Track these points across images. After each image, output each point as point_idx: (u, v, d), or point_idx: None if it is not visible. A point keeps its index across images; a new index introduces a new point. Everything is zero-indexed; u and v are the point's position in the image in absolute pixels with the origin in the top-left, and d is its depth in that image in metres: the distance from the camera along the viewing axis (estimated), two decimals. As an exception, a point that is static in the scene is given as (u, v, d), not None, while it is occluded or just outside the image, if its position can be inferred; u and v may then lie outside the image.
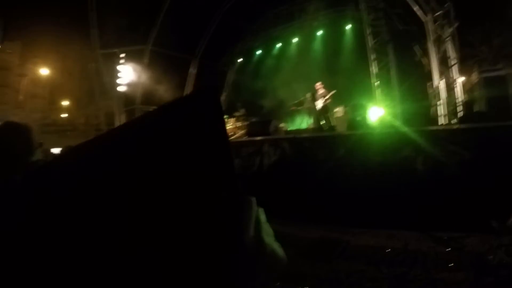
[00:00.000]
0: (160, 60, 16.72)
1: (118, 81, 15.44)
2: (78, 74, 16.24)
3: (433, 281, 3.72)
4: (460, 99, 9.82)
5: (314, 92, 11.91)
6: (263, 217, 0.57)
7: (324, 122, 10.06)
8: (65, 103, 26.82)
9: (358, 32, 14.21)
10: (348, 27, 16.31)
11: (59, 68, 18.74)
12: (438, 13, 9.67)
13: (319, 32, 17.65)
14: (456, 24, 9.70)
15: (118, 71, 15.39)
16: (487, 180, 5.03)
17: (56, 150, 14.25)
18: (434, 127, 6.76)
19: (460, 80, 10.08)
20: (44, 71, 18.79)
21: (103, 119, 16.13)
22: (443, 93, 9.81)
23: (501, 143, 5.21)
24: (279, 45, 19.45)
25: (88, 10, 13.69)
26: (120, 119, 15.83)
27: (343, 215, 6.04)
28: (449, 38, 9.83)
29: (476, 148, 5.43)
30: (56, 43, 15.07)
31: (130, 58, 15.80)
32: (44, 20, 12.20)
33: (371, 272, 4.11)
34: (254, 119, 14.22)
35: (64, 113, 27.12)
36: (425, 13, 9.92)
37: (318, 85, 12.25)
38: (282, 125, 13.79)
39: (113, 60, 15.28)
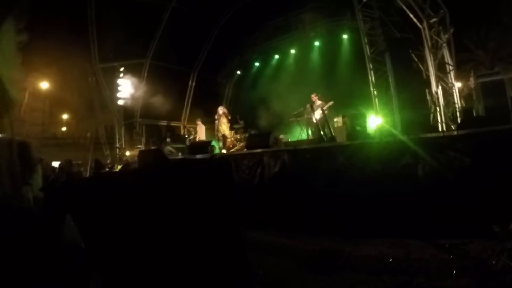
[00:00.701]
0: (159, 73, 16.90)
1: (118, 94, 15.51)
2: (77, 87, 16.35)
3: (436, 289, 3.70)
4: (458, 105, 9.87)
5: (311, 103, 11.98)
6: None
7: (324, 132, 10.08)
8: (65, 116, 26.95)
9: (355, 42, 14.32)
10: (345, 37, 16.40)
11: (59, 81, 18.89)
12: (434, 19, 9.74)
13: (317, 43, 17.73)
14: (452, 30, 9.76)
15: (118, 85, 15.46)
16: (488, 185, 5.00)
17: (56, 164, 14.31)
18: (434, 134, 6.74)
19: (457, 85, 10.14)
20: (44, 85, 18.86)
21: (103, 133, 16.19)
22: (441, 100, 9.86)
23: (501, 147, 5.20)
24: (277, 56, 19.52)
25: (87, 24, 13.82)
26: (120, 133, 15.87)
27: (345, 226, 5.99)
28: (445, 44, 9.90)
29: (476, 153, 5.41)
30: (56, 56, 15.19)
31: (129, 71, 15.90)
32: (44, 33, 12.25)
33: (374, 282, 4.05)
34: (253, 131, 14.27)
35: (64, 126, 27.24)
36: (421, 20, 9.99)
37: (314, 96, 12.32)
38: (281, 136, 13.82)
39: (113, 74, 15.40)
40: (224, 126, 14.69)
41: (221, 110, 14.98)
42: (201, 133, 15.92)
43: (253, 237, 5.64)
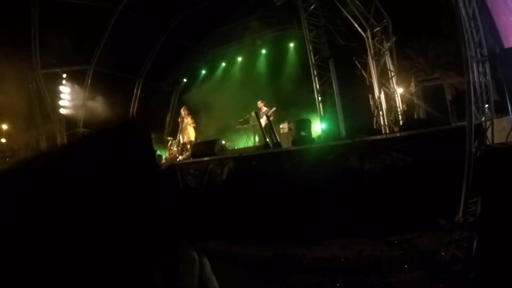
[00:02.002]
0: (104, 80, 16.16)
1: (60, 102, 14.68)
2: (17, 96, 15.25)
3: (390, 284, 3.74)
4: (400, 109, 10.31)
5: (257, 110, 12.03)
6: (208, 270, 0.57)
7: (269, 139, 10.11)
8: (4, 127, 25.20)
9: (301, 50, 14.57)
10: (292, 45, 16.76)
11: (-4, 89, 17.52)
12: (377, 28, 10.12)
13: (263, 51, 17.97)
14: (394, 38, 10.20)
15: (60, 92, 14.65)
16: (431, 182, 5.22)
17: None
18: (378, 136, 6.96)
19: (399, 90, 10.61)
20: (-20, 93, 17.41)
21: (44, 144, 15.25)
22: (384, 104, 10.25)
23: (441, 146, 5.47)
24: (223, 64, 19.54)
25: (30, 27, 13.02)
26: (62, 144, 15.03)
27: (296, 230, 6.02)
28: (387, 51, 10.33)
29: (418, 153, 5.65)
30: (-6, 62, 14.13)
31: (72, 78, 15.11)
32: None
33: (328, 283, 4.06)
34: (199, 140, 14.08)
35: (3, 138, 25.45)
36: (365, 29, 10.37)
37: (260, 103, 12.39)
38: (228, 144, 13.70)
39: (55, 81, 14.52)
40: (190, 129, 13.33)
41: (184, 111, 13.56)
42: None
43: (207, 246, 5.50)
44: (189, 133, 13.25)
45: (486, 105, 4.84)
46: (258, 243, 5.96)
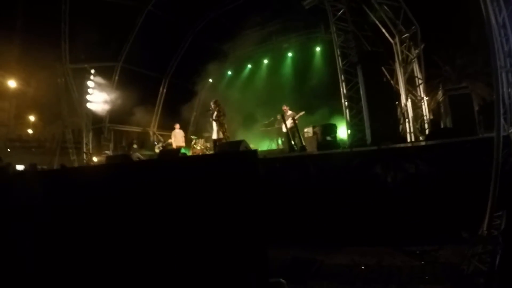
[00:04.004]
0: (130, 78, 16.48)
1: (87, 97, 14.99)
2: (46, 88, 15.61)
3: (409, 295, 3.74)
4: (426, 117, 10.16)
5: (283, 113, 12.03)
6: None
7: (294, 142, 10.11)
8: (32, 118, 25.85)
9: (328, 54, 14.57)
10: (318, 49, 16.73)
11: (26, 81, 17.98)
12: (405, 35, 10.02)
13: (290, 54, 18.01)
14: (422, 46, 10.07)
15: (88, 87, 14.97)
16: (456, 193, 5.14)
17: (20, 167, 13.70)
18: (402, 145, 6.90)
19: (426, 98, 10.46)
20: (11, 83, 17.91)
21: (70, 137, 15.62)
22: (410, 112, 10.12)
23: (467, 157, 5.38)
24: (249, 66, 19.68)
25: (60, 21, 13.40)
26: (88, 137, 15.38)
27: (316, 235, 5.98)
28: (415, 58, 10.20)
29: (444, 163, 5.57)
30: (25, 55, 14.53)
31: (100, 74, 15.41)
32: (14, 30, 11.79)
33: (347, 290, 4.07)
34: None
35: (30, 128, 26.12)
36: (393, 35, 10.27)
37: (285, 107, 12.38)
38: (251, 146, 13.75)
39: (83, 76, 14.82)
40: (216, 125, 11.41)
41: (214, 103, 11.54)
42: (178, 140, 14.61)
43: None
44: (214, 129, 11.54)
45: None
46: (277, 245, 5.95)
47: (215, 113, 11.15)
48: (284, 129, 11.31)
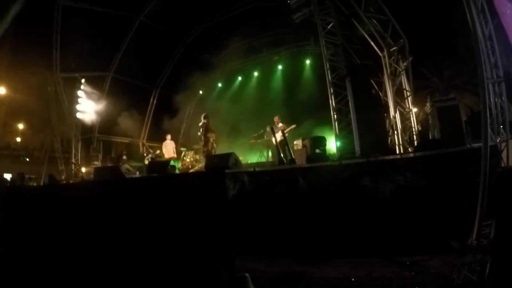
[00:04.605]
0: (121, 88, 16.47)
1: (76, 107, 14.88)
2: (36, 96, 15.49)
3: (400, 306, 3.72)
4: (415, 129, 10.26)
5: (273, 125, 12.04)
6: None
7: (284, 155, 10.11)
8: (21, 126, 25.57)
9: (317, 67, 14.71)
10: (308, 62, 16.88)
11: (16, 89, 17.79)
12: (394, 48, 10.15)
13: (280, 66, 18.13)
14: (410, 58, 10.19)
15: (78, 97, 14.87)
16: (445, 203, 5.17)
17: (8, 176, 13.49)
18: (391, 156, 6.93)
19: (414, 110, 10.57)
20: (0, 90, 17.69)
21: (58, 146, 15.45)
22: (399, 124, 10.20)
23: (456, 167, 5.43)
24: (240, 78, 19.80)
25: (52, 29, 13.33)
26: (76, 147, 15.24)
27: (306, 247, 5.95)
28: (403, 71, 10.32)
29: (432, 174, 5.61)
30: (15, 62, 14.40)
31: (90, 84, 15.35)
32: (4, 37, 11.66)
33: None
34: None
35: (19, 137, 25.82)
36: (382, 48, 10.40)
37: (276, 119, 12.41)
38: (241, 158, 13.71)
39: (73, 85, 14.74)
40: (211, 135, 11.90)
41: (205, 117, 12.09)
42: (169, 151, 14.81)
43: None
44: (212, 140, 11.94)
45: (502, 126, 4.80)
46: (266, 259, 5.89)
47: (204, 128, 11.36)
48: (274, 142, 11.32)
